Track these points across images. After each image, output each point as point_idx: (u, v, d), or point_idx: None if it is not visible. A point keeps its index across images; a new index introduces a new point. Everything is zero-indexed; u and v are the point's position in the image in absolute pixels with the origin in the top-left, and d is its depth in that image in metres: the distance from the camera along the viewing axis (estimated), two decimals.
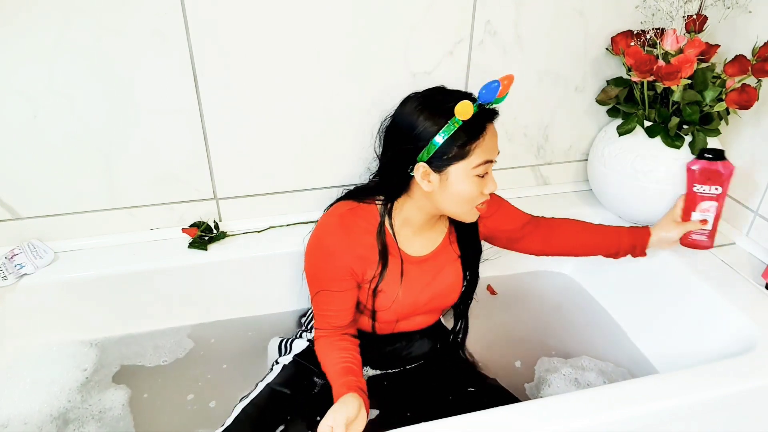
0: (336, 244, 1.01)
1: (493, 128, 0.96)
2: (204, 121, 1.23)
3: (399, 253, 1.04)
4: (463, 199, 0.97)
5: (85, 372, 1.22)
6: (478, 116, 0.92)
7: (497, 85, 0.90)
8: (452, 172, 0.94)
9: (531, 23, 1.30)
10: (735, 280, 1.20)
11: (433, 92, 0.98)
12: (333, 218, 1.04)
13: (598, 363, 1.27)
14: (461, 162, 0.93)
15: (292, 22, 1.16)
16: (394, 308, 1.06)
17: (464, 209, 0.99)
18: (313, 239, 1.05)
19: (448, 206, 0.98)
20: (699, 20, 1.23)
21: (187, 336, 1.33)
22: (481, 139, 0.93)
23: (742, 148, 1.33)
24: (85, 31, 1.08)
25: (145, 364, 1.26)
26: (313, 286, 1.06)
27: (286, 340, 1.20)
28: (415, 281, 1.06)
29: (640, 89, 1.31)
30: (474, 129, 0.92)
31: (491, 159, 0.96)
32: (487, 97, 0.92)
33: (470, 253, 1.11)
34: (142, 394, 1.19)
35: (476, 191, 0.96)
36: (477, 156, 0.93)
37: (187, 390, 1.21)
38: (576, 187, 1.58)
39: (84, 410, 1.13)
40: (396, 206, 1.03)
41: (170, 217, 1.33)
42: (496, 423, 0.87)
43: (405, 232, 1.05)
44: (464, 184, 0.95)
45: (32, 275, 1.21)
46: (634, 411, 0.91)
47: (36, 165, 1.19)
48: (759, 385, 0.97)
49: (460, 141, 0.92)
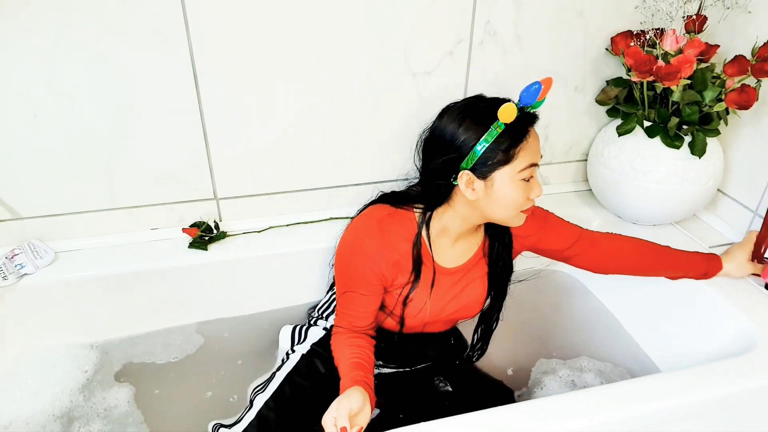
0: (373, 247, 1.00)
1: (535, 132, 0.96)
2: (204, 121, 1.23)
3: (433, 265, 1.04)
4: (509, 205, 0.96)
5: (86, 372, 1.21)
6: (520, 120, 0.92)
7: (538, 86, 0.90)
8: (497, 178, 0.94)
9: (531, 23, 1.30)
10: (735, 280, 1.20)
11: (474, 100, 0.98)
12: (371, 221, 1.03)
13: (597, 363, 1.27)
14: (506, 167, 0.93)
15: (293, 22, 1.16)
16: (421, 316, 1.06)
17: (510, 214, 0.98)
18: (349, 239, 1.04)
19: (494, 213, 0.98)
20: (698, 20, 1.23)
21: (191, 335, 1.33)
22: (525, 142, 0.93)
23: (742, 148, 1.33)
24: (86, 30, 1.08)
25: (144, 361, 1.26)
26: (341, 284, 1.06)
27: (299, 327, 1.19)
28: (445, 292, 1.06)
29: (639, 89, 1.31)
30: (517, 132, 0.92)
31: (536, 162, 0.95)
32: (528, 100, 0.92)
33: (499, 270, 1.10)
34: (143, 392, 1.19)
35: (522, 196, 0.95)
36: (522, 159, 0.93)
37: (187, 390, 1.21)
38: (576, 187, 1.58)
39: (89, 408, 1.13)
40: (435, 215, 1.03)
41: (170, 217, 1.33)
42: (496, 423, 0.87)
43: (441, 242, 1.05)
44: (510, 189, 0.95)
45: (33, 275, 1.21)
46: (633, 411, 0.91)
47: (36, 165, 1.19)
48: (759, 385, 0.97)
49: (504, 145, 0.92)
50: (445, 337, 1.20)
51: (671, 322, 1.26)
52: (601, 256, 1.16)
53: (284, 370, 1.09)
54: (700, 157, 1.24)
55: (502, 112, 0.89)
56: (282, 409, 1.03)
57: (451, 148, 0.95)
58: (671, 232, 1.39)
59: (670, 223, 1.41)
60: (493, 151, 0.92)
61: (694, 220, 1.43)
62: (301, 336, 1.17)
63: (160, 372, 1.25)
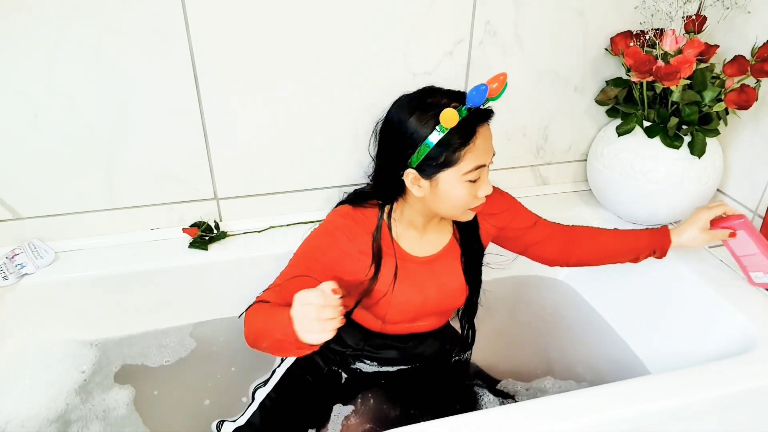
0: (341, 229, 1.00)
1: (487, 130, 0.92)
2: (204, 121, 1.23)
3: (395, 254, 1.03)
4: (455, 204, 0.95)
5: (85, 373, 1.22)
6: (467, 120, 0.89)
7: (485, 88, 0.87)
8: (442, 179, 0.92)
9: (531, 23, 1.30)
10: (735, 280, 1.20)
11: (424, 93, 0.94)
12: (340, 216, 1.03)
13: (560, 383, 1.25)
14: (450, 169, 0.91)
15: (293, 22, 1.17)
16: (405, 308, 1.05)
17: (457, 212, 0.97)
18: (319, 228, 1.03)
19: (441, 210, 0.97)
20: (698, 21, 1.23)
21: (189, 335, 1.33)
22: (471, 144, 0.89)
23: (741, 148, 1.33)
24: (86, 30, 1.08)
25: (147, 363, 1.26)
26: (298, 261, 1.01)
27: None
28: (425, 282, 1.06)
29: (639, 89, 1.31)
30: (463, 135, 0.89)
31: (483, 164, 0.92)
32: (475, 101, 0.88)
33: (470, 255, 1.10)
34: (147, 393, 1.19)
35: (468, 196, 0.94)
36: (468, 162, 0.90)
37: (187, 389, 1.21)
38: (575, 187, 1.58)
39: (86, 410, 1.13)
40: (396, 208, 1.03)
41: (171, 217, 1.33)
42: (495, 423, 0.88)
43: (410, 234, 1.05)
44: (455, 190, 0.92)
45: (33, 275, 1.21)
46: (633, 411, 0.91)
47: (36, 165, 1.19)
48: (759, 385, 0.97)
49: (449, 148, 0.89)
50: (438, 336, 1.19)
51: (670, 322, 1.26)
52: (559, 246, 1.16)
53: (284, 365, 1.10)
54: (699, 157, 1.25)
55: (443, 117, 0.86)
56: (283, 398, 1.04)
57: (399, 142, 0.92)
58: None
59: (670, 223, 1.41)
60: (437, 152, 0.89)
61: None
62: None
63: (159, 372, 1.25)
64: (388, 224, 1.02)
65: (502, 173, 1.50)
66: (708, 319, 1.17)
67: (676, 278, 1.27)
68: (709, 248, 1.32)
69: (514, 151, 1.47)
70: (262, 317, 0.88)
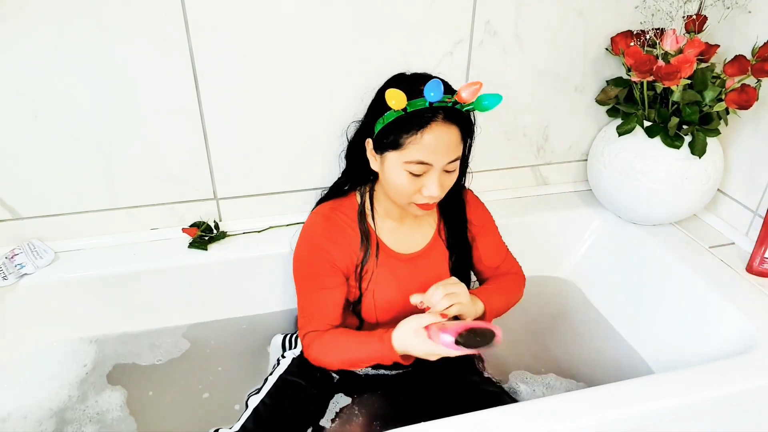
0: (321, 239, 1.01)
1: (447, 132, 0.89)
2: (204, 121, 1.23)
3: (377, 247, 1.03)
4: (397, 190, 0.94)
5: (85, 370, 1.22)
6: (424, 111, 0.87)
7: (438, 82, 0.86)
8: (387, 158, 0.92)
9: (531, 23, 1.30)
10: (735, 280, 1.20)
11: (416, 74, 0.96)
12: (316, 218, 1.05)
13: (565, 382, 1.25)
14: (394, 152, 0.91)
15: (293, 22, 1.16)
16: (389, 308, 1.05)
17: (401, 200, 0.96)
18: (300, 240, 1.06)
19: (389, 191, 0.97)
20: (699, 20, 1.23)
21: (187, 335, 1.33)
22: (419, 136, 0.88)
23: (742, 148, 1.33)
24: (86, 30, 1.08)
25: (144, 363, 1.26)
26: (304, 286, 1.04)
27: (290, 335, 1.19)
28: (408, 280, 1.04)
29: (639, 89, 1.31)
30: (413, 123, 0.88)
31: (428, 162, 0.89)
32: (428, 92, 0.86)
33: (456, 250, 1.08)
34: (142, 394, 1.19)
35: (410, 187, 0.92)
36: (411, 152, 0.89)
37: (188, 389, 1.21)
38: (576, 187, 1.58)
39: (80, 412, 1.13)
40: (375, 195, 1.03)
41: (170, 217, 1.33)
42: (495, 423, 0.87)
43: (390, 226, 1.05)
44: (396, 175, 0.92)
45: (32, 275, 1.21)
46: (633, 411, 0.91)
47: (36, 165, 1.19)
48: (759, 385, 0.97)
49: (401, 131, 0.89)
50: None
51: (671, 322, 1.26)
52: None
53: (277, 372, 1.09)
54: (700, 157, 1.24)
55: (387, 94, 0.86)
56: (277, 404, 1.03)
57: (370, 112, 0.96)
58: (671, 232, 1.39)
59: (670, 223, 1.41)
60: (388, 131, 0.90)
61: (694, 220, 1.43)
62: (291, 344, 1.18)
63: (160, 373, 1.25)
64: (370, 203, 1.03)
65: (502, 173, 1.50)
66: (708, 319, 1.17)
67: (678, 278, 1.27)
68: (709, 248, 1.32)
69: (514, 151, 1.47)
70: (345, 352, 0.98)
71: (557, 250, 1.54)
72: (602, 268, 1.47)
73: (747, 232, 1.33)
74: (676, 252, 1.30)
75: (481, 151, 1.44)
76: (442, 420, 0.87)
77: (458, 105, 0.90)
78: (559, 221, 1.50)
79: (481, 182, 1.48)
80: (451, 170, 0.93)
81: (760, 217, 1.29)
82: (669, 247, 1.32)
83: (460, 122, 0.91)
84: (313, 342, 1.01)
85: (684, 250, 1.31)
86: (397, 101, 0.86)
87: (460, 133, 0.91)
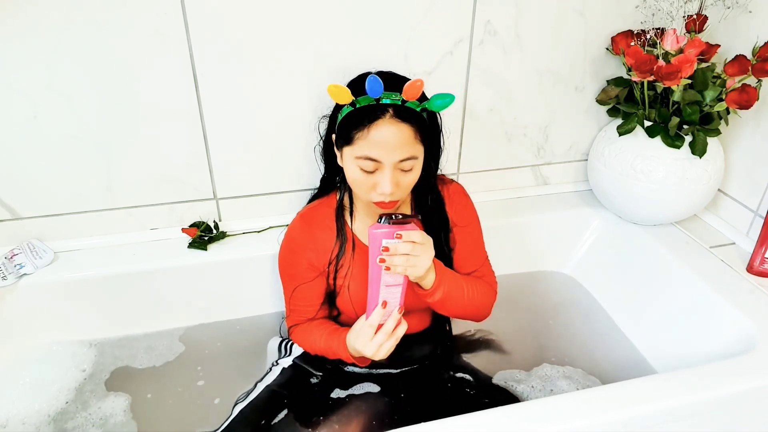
0: (298, 239, 1.06)
1: (395, 129, 0.87)
2: (204, 121, 1.23)
3: (353, 244, 1.05)
4: (354, 185, 0.95)
5: (84, 372, 1.22)
6: (373, 107, 0.88)
7: (374, 79, 0.86)
8: (344, 153, 0.94)
9: (531, 23, 1.30)
10: (735, 280, 1.20)
11: (378, 72, 0.96)
12: (295, 220, 1.10)
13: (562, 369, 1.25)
14: (348, 147, 0.91)
15: (292, 22, 1.16)
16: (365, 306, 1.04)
17: (361, 195, 0.96)
18: (282, 245, 1.11)
19: (353, 187, 0.97)
20: (699, 20, 1.23)
21: (186, 336, 1.33)
22: (365, 131, 0.88)
23: (742, 148, 1.33)
24: (86, 31, 1.08)
25: (145, 365, 1.26)
26: (287, 285, 1.11)
27: (286, 341, 1.19)
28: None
29: (640, 89, 1.31)
30: (363, 118, 0.88)
31: (376, 159, 0.88)
32: (368, 89, 0.86)
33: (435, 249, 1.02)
34: (143, 396, 1.18)
35: (365, 184, 0.92)
36: (359, 147, 0.89)
37: (188, 390, 1.21)
38: (576, 187, 1.58)
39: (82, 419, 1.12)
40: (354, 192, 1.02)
41: (170, 217, 1.33)
42: (495, 423, 0.87)
43: (367, 223, 1.06)
44: (350, 171, 0.93)
45: (32, 275, 1.21)
46: (634, 411, 0.91)
47: (36, 165, 1.19)
48: (759, 385, 0.97)
49: (349, 125, 0.90)
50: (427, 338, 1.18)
51: (671, 322, 1.26)
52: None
53: (265, 381, 1.10)
54: (700, 157, 1.24)
55: (328, 87, 0.87)
56: (258, 416, 1.03)
57: (333, 111, 0.98)
58: (671, 232, 1.38)
59: (670, 223, 1.41)
60: (342, 126, 0.92)
61: (695, 220, 1.43)
62: (287, 350, 1.17)
63: (160, 372, 1.25)
64: (349, 200, 1.05)
65: (502, 173, 1.50)
66: (709, 319, 1.17)
67: (678, 278, 1.27)
68: (710, 248, 1.32)
69: (514, 150, 1.47)
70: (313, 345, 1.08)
71: (557, 251, 1.54)
72: (602, 268, 1.47)
73: (747, 232, 1.33)
74: (676, 252, 1.30)
75: (482, 151, 1.44)
76: (442, 420, 0.87)
77: (408, 103, 0.89)
78: (560, 221, 1.50)
79: (482, 182, 1.48)
80: (407, 169, 0.92)
81: (760, 217, 1.29)
82: (669, 247, 1.32)
83: (413, 121, 0.89)
84: (294, 333, 1.13)
85: (684, 250, 1.31)
86: (340, 95, 0.88)
87: (414, 131, 0.89)
